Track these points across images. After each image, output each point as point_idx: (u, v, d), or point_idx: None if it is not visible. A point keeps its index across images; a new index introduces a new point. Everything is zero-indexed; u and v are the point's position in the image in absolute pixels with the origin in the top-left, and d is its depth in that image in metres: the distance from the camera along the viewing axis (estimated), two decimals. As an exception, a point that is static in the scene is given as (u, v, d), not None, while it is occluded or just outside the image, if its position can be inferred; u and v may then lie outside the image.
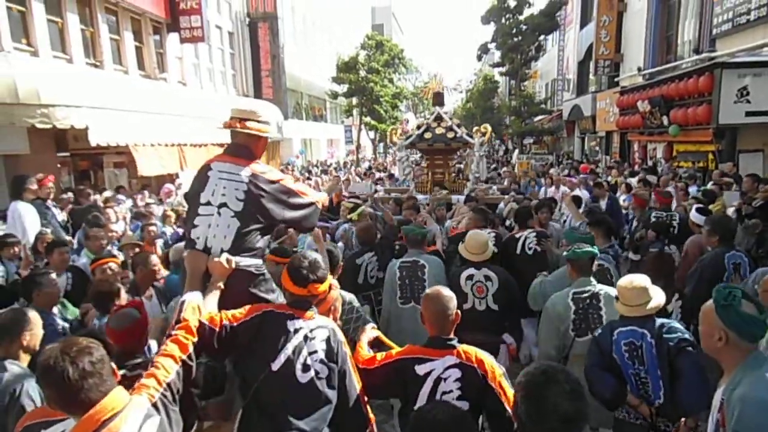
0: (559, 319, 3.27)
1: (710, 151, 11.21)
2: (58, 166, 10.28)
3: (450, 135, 8.12)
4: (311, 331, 2.24)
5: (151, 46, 14.01)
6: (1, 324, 2.51)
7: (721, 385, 1.94)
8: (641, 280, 2.82)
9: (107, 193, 8.69)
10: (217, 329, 2.14)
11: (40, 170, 6.78)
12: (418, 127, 8.53)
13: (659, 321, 2.77)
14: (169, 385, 1.79)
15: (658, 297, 2.80)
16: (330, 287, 2.54)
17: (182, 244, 4.23)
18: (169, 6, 14.40)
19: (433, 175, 8.61)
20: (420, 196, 7.62)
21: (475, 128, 8.57)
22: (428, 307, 2.45)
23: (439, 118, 8.33)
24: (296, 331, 2.20)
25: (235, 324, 2.18)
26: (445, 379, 2.31)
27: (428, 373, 2.31)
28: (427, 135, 8.18)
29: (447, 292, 2.48)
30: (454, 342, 2.39)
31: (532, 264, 4.50)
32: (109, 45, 12.28)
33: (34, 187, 5.77)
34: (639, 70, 15.47)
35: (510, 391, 2.24)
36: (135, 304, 2.78)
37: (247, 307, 2.25)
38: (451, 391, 2.30)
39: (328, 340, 2.26)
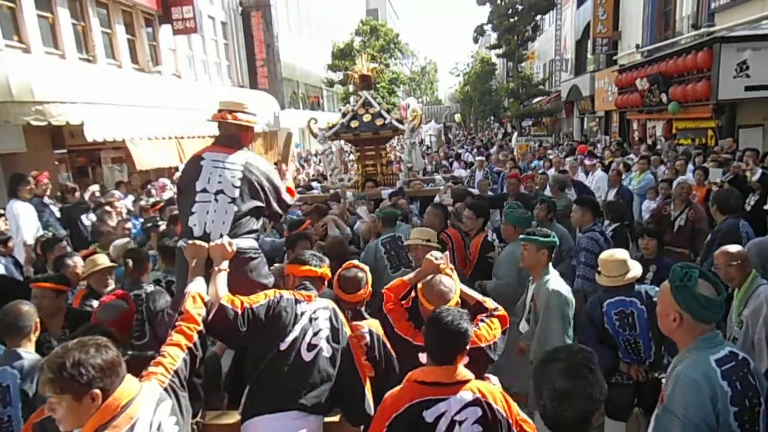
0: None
1: (710, 127, 11.15)
2: (56, 163, 10.22)
3: (379, 122, 7.09)
4: (314, 312, 2.35)
5: (143, 39, 13.87)
6: (11, 321, 2.49)
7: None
8: (621, 253, 3.17)
9: (94, 188, 8.43)
10: (240, 311, 2.19)
11: (37, 168, 6.75)
12: (344, 115, 7.47)
13: (642, 288, 3.13)
14: (176, 372, 1.85)
15: (635, 268, 3.14)
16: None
17: (123, 240, 4.46)
18: (159, -3, 14.22)
19: (364, 169, 7.51)
20: (348, 193, 6.60)
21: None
22: (428, 294, 2.43)
23: (366, 104, 7.25)
24: (302, 313, 2.31)
25: (254, 307, 2.23)
26: None
27: None
28: (354, 123, 7.16)
29: (448, 281, 2.47)
30: None
31: None
32: (101, 39, 12.15)
33: (31, 185, 5.77)
34: (637, 47, 15.31)
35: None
36: (122, 295, 2.84)
37: (263, 293, 2.34)
38: None
39: (330, 320, 2.38)
